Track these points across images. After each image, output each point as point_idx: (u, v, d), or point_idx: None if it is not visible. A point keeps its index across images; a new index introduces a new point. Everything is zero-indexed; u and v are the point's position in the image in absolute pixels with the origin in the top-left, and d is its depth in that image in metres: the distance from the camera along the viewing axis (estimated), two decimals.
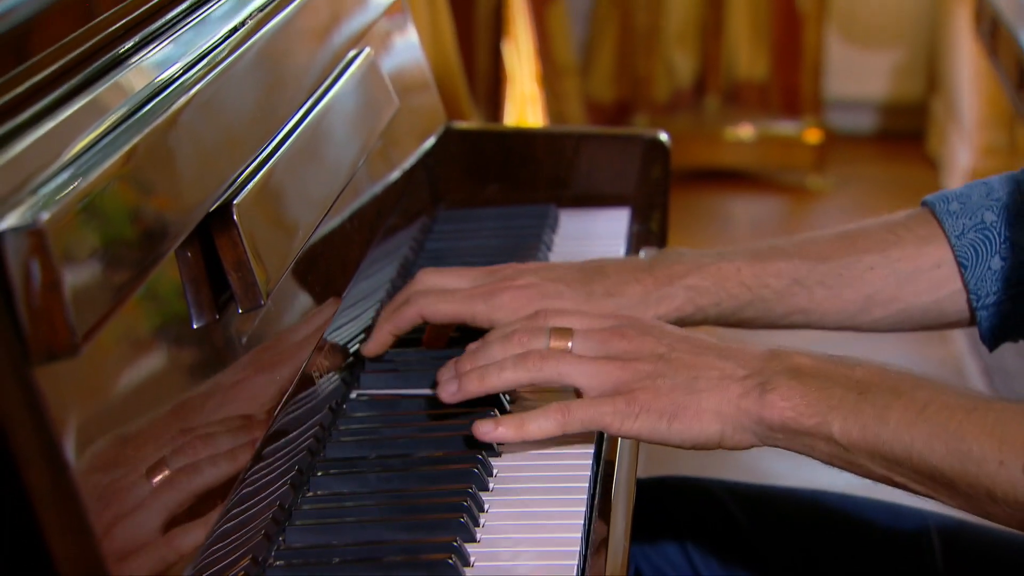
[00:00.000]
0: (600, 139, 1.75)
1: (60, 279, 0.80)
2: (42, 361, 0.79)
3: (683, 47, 4.91)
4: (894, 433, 1.06)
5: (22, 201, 0.82)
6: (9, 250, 0.77)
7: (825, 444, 1.09)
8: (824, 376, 1.10)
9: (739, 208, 4.57)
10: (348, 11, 1.48)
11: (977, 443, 1.02)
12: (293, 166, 1.22)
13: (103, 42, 1.08)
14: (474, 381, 1.16)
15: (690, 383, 1.12)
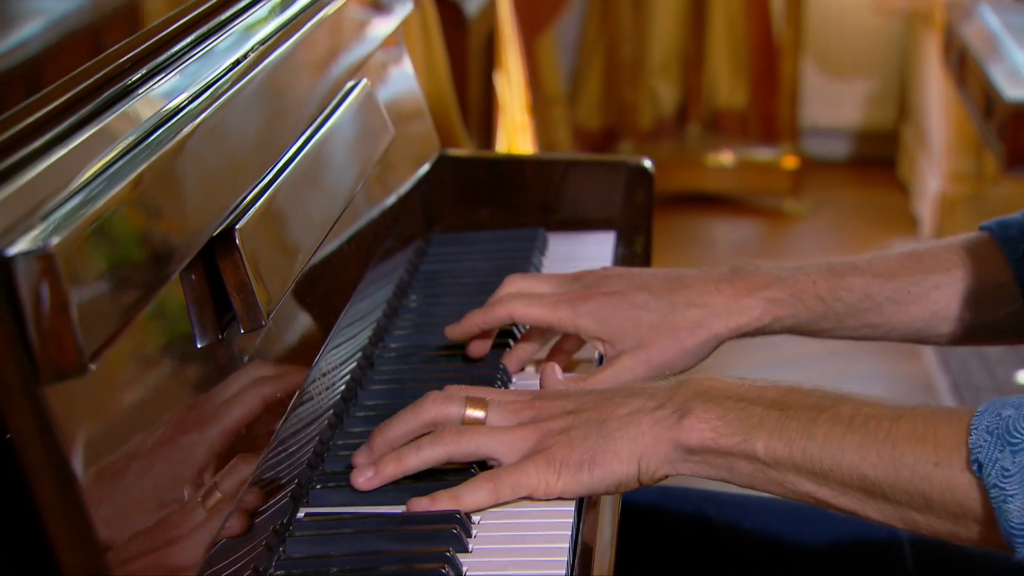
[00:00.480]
0: (587, 165, 1.75)
1: (68, 301, 0.79)
2: (51, 380, 0.79)
3: (666, 77, 4.92)
4: (822, 446, 1.04)
5: (33, 226, 0.81)
6: (20, 274, 0.77)
7: (747, 463, 1.06)
8: (738, 397, 1.08)
9: (720, 231, 4.58)
10: (346, 44, 1.48)
11: (909, 448, 1.01)
12: (294, 191, 1.22)
13: (112, 73, 1.08)
14: (390, 465, 1.12)
15: (600, 428, 1.09)
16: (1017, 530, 0.96)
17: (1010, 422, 0.98)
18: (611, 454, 1.09)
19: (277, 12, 1.39)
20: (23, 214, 0.82)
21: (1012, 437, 0.97)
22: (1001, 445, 0.97)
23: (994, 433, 0.98)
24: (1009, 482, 0.96)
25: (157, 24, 1.20)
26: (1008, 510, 0.96)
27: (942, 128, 4.25)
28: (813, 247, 4.43)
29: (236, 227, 1.06)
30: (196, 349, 1.01)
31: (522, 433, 1.11)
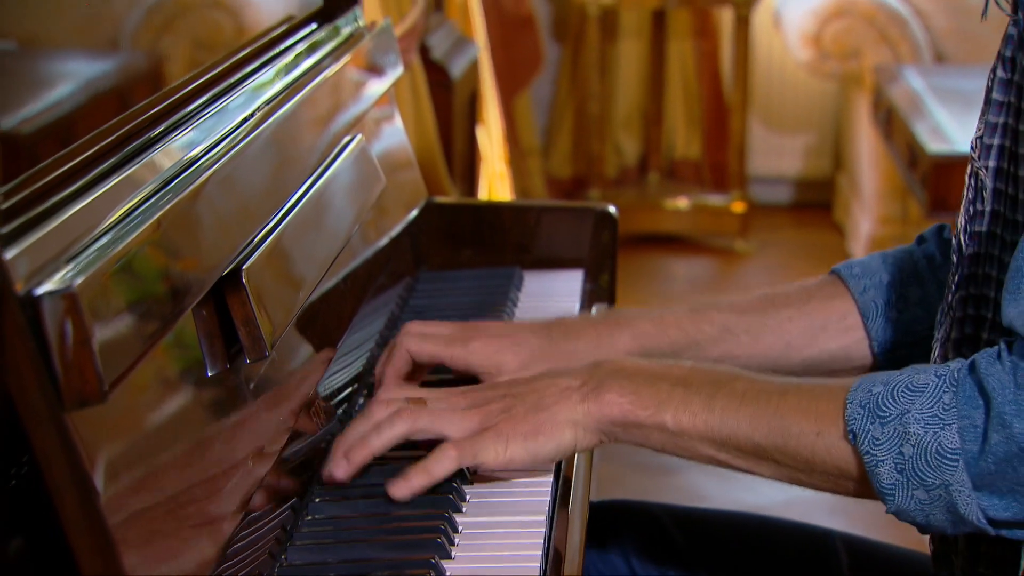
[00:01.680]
0: (558, 211, 1.75)
1: (90, 336, 0.79)
2: (74, 407, 0.78)
3: (629, 132, 4.93)
4: (720, 418, 1.06)
5: (59, 268, 0.81)
6: (46, 311, 0.76)
7: (659, 433, 1.09)
8: (649, 374, 1.11)
9: (677, 268, 4.58)
10: (344, 102, 1.47)
11: (795, 420, 1.04)
12: (297, 234, 1.21)
13: (136, 128, 1.08)
14: (360, 451, 1.13)
15: (538, 403, 1.11)
16: (887, 489, 1.00)
17: (879, 397, 1.01)
18: (551, 425, 1.10)
19: (283, 74, 1.39)
20: (51, 256, 0.82)
21: (881, 411, 1.00)
22: (872, 418, 1.00)
23: (866, 407, 1.01)
24: (879, 449, 1.00)
25: (176, 85, 1.20)
26: (879, 473, 1.00)
27: (872, 177, 4.26)
28: (760, 282, 4.43)
29: (243, 267, 1.05)
30: (206, 377, 1.00)
31: (468, 414, 1.13)
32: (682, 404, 1.08)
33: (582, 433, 1.11)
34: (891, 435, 0.99)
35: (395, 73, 1.68)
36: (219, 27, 1.37)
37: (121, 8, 1.13)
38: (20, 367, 0.75)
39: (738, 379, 1.09)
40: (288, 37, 1.50)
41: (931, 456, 0.98)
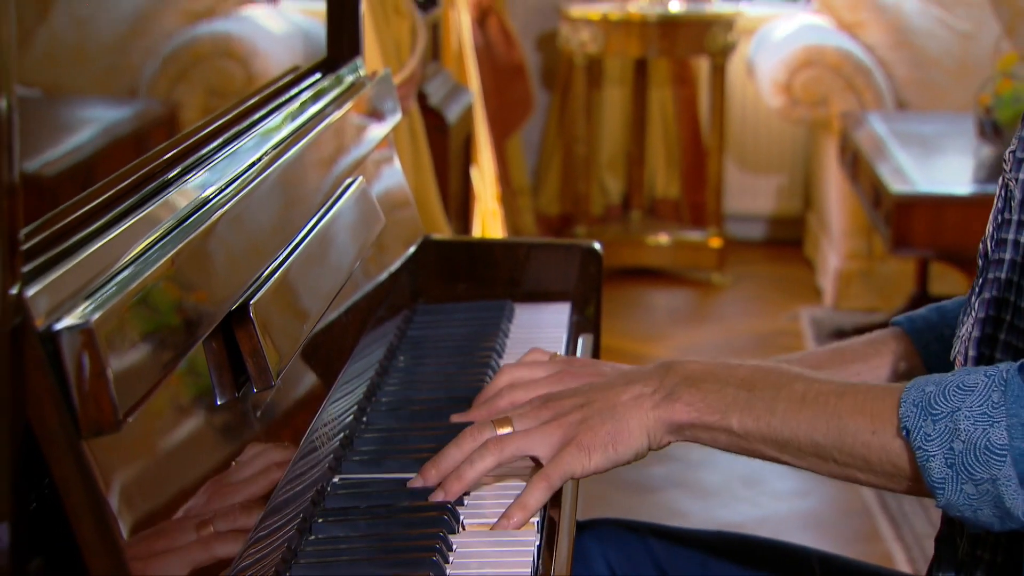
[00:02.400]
0: (546, 248, 1.75)
1: (105, 368, 0.78)
2: (90, 434, 0.78)
3: (613, 172, 4.94)
4: (782, 420, 1.07)
5: (78, 304, 0.80)
6: (64, 345, 0.76)
7: (726, 435, 1.10)
8: (715, 379, 1.11)
9: (658, 299, 4.58)
10: (347, 146, 1.47)
11: (852, 420, 1.04)
12: (302, 269, 1.21)
13: (154, 170, 1.07)
14: (455, 484, 1.13)
15: (612, 413, 1.12)
16: (938, 483, 1.00)
17: (932, 396, 1.00)
18: (626, 433, 1.11)
19: (290, 119, 1.39)
20: (70, 293, 0.81)
21: (933, 409, 1.00)
22: (924, 415, 1.00)
23: (919, 405, 1.00)
24: (931, 444, 0.99)
25: (190, 130, 1.20)
26: (930, 467, 1.00)
27: (839, 215, 4.27)
28: (735, 312, 4.43)
29: (251, 302, 1.05)
30: (216, 405, 0.99)
31: (548, 430, 1.13)
32: (747, 408, 1.08)
33: (655, 436, 1.12)
34: (942, 431, 0.99)
35: (394, 119, 1.68)
36: (230, 76, 1.37)
37: (139, 58, 1.13)
38: (40, 397, 0.75)
39: (798, 380, 1.09)
40: (294, 86, 1.50)
41: (980, 451, 0.98)
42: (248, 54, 1.41)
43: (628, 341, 3.97)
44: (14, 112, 0.76)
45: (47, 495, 0.77)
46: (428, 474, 1.15)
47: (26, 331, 0.74)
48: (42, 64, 0.93)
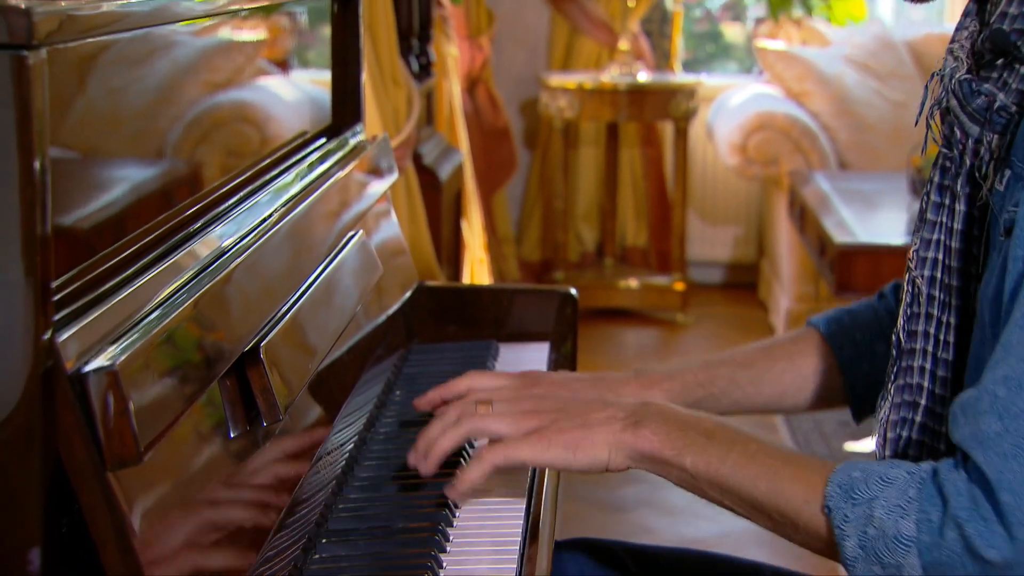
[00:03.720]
0: (528, 293, 1.74)
1: (128, 407, 0.77)
2: (114, 467, 0.77)
3: (588, 223, 4.94)
4: (731, 470, 1.05)
5: (105, 348, 0.79)
6: (91, 386, 0.75)
7: (679, 472, 1.08)
8: (682, 422, 1.10)
9: (628, 337, 4.57)
10: (349, 201, 1.47)
11: (789, 485, 1.02)
12: (309, 312, 1.20)
13: (179, 223, 1.06)
14: (435, 453, 1.14)
15: (583, 422, 1.11)
16: (851, 561, 0.98)
17: (855, 481, 0.98)
18: (589, 443, 1.10)
19: (300, 177, 1.39)
20: (98, 338, 0.80)
21: (854, 494, 0.98)
22: (846, 498, 0.98)
23: (843, 487, 0.99)
24: (848, 526, 0.98)
25: (212, 187, 1.19)
26: (845, 546, 0.98)
27: (789, 262, 4.28)
28: (697, 348, 4.42)
29: (262, 344, 1.04)
30: (229, 438, 0.98)
31: (522, 417, 1.12)
32: (702, 452, 1.07)
33: (616, 456, 1.10)
34: (859, 516, 0.97)
35: (392, 177, 1.68)
36: (247, 138, 1.36)
37: (165, 123, 1.12)
38: (69, 433, 0.74)
39: (752, 440, 1.07)
40: (304, 148, 1.50)
41: (890, 539, 0.95)
42: (262, 119, 1.41)
43: None
44: (47, 173, 0.76)
45: (75, 521, 0.76)
46: (417, 449, 1.15)
47: (57, 373, 0.74)
48: (79, 129, 0.93)
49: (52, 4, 0.78)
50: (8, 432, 0.74)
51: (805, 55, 4.53)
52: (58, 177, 0.81)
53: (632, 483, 3.07)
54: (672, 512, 3.01)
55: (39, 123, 0.76)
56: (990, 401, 0.93)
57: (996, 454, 0.92)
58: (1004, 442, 0.91)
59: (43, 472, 0.74)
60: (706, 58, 5.28)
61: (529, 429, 1.11)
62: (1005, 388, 0.92)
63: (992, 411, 0.93)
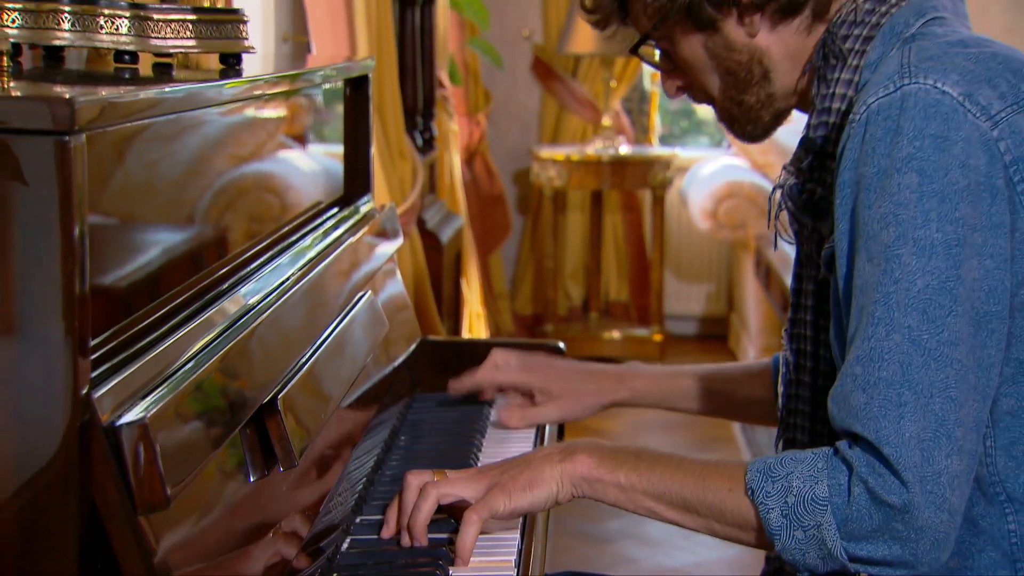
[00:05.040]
0: (520, 346, 1.72)
1: (157, 458, 0.76)
2: (144, 512, 0.76)
3: (575, 281, 4.94)
4: (660, 477, 1.08)
5: (137, 403, 0.78)
6: (124, 438, 0.74)
7: (615, 488, 1.11)
8: (611, 447, 1.13)
9: None
10: (360, 264, 1.47)
11: (713, 481, 1.06)
12: (323, 365, 1.19)
13: (210, 283, 1.06)
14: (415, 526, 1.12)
15: (528, 466, 1.13)
16: (775, 530, 1.02)
17: (771, 465, 1.04)
18: (540, 479, 1.12)
19: (318, 241, 1.39)
20: (131, 392, 0.80)
21: (772, 473, 1.03)
22: (765, 478, 1.03)
23: (761, 471, 1.04)
24: (770, 500, 1.03)
25: (239, 250, 1.19)
26: (770, 518, 1.02)
27: (756, 316, 4.28)
28: None
29: (279, 396, 1.03)
30: (249, 482, 0.97)
31: (477, 478, 1.14)
32: (633, 468, 1.10)
33: (563, 486, 1.12)
34: (779, 489, 1.03)
35: (398, 241, 1.68)
36: (269, 206, 1.37)
37: (195, 192, 1.12)
38: (103, 481, 0.73)
39: (675, 456, 1.11)
40: (319, 216, 1.50)
41: (807, 503, 1.01)
42: (283, 188, 1.41)
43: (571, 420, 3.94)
44: (85, 241, 0.76)
45: (108, 562, 0.74)
46: (389, 523, 1.15)
47: (93, 426, 0.73)
48: (117, 198, 0.93)
49: (93, 94, 0.78)
50: (47, 479, 0.73)
51: None
52: (97, 242, 0.81)
53: (615, 518, 3.04)
54: (652, 543, 2.98)
55: (79, 198, 0.76)
56: (852, 381, 1.00)
57: (869, 418, 0.99)
58: (872, 407, 0.99)
59: (79, 516, 0.73)
60: (680, 133, 5.31)
61: (488, 486, 1.13)
62: (860, 367, 1.00)
63: (856, 388, 1.00)
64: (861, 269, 1.02)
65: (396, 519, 1.14)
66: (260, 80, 1.21)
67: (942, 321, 0.99)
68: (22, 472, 0.74)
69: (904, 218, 0.99)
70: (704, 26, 1.14)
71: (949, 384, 0.99)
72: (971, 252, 0.99)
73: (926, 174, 0.99)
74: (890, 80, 1.03)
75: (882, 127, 1.01)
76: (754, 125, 1.19)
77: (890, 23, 1.10)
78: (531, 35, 4.84)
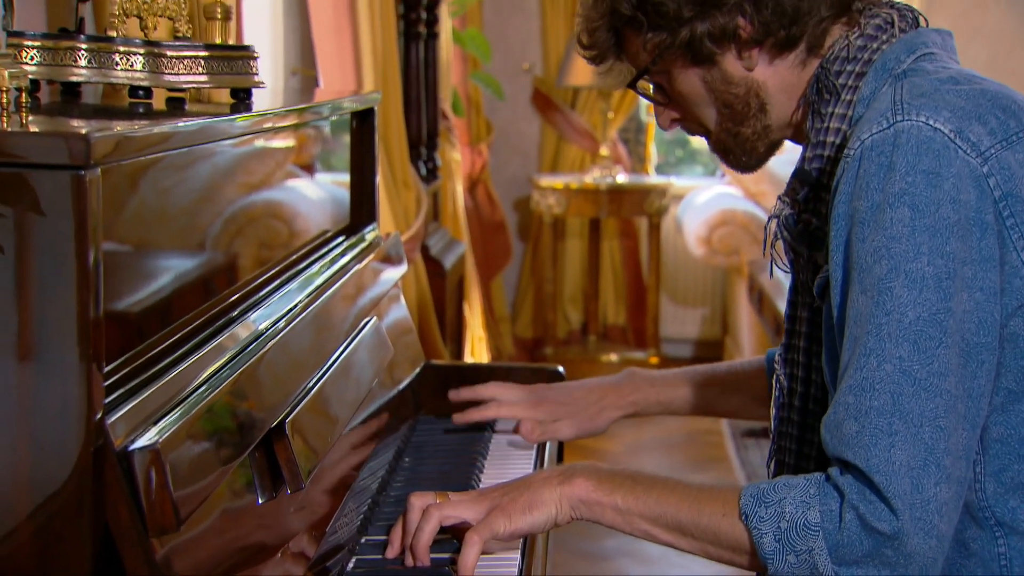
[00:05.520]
0: (521, 371, 1.73)
1: (168, 482, 0.76)
2: (156, 534, 0.76)
3: (574, 305, 4.94)
4: (656, 501, 1.08)
5: (149, 428, 0.78)
6: (136, 462, 0.74)
7: (612, 511, 1.10)
8: (608, 470, 1.13)
9: None
10: (366, 290, 1.47)
11: (708, 505, 1.06)
12: (330, 388, 1.19)
13: (223, 310, 1.06)
14: (419, 549, 1.12)
15: (527, 488, 1.13)
16: (768, 554, 1.02)
17: (764, 490, 1.04)
18: (539, 502, 1.11)
19: (326, 268, 1.39)
20: (144, 417, 0.79)
21: (765, 498, 1.03)
22: (759, 503, 1.03)
23: (754, 496, 1.04)
24: (764, 524, 1.02)
25: (251, 277, 1.19)
26: (763, 542, 1.02)
27: (749, 339, 4.27)
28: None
29: (287, 420, 1.02)
30: (257, 504, 0.96)
31: (478, 500, 1.13)
32: (630, 491, 1.09)
33: (562, 508, 1.12)
34: (772, 514, 1.02)
35: (402, 268, 1.68)
36: (277, 233, 1.37)
37: (205, 219, 1.12)
38: (116, 503, 0.73)
39: (668, 479, 1.11)
40: (327, 244, 1.50)
41: (799, 528, 1.01)
42: (291, 215, 1.41)
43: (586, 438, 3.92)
44: (100, 271, 0.76)
45: None
46: (394, 543, 1.14)
47: (106, 451, 0.73)
48: (131, 226, 0.93)
49: (108, 129, 0.78)
50: (62, 502, 0.73)
51: None
52: (111, 269, 0.81)
53: (613, 536, 3.03)
54: (649, 561, 2.96)
55: (93, 228, 0.76)
56: (844, 410, 1.00)
57: (860, 447, 0.98)
58: (864, 436, 0.98)
59: (93, 537, 0.73)
60: (676, 162, 5.33)
61: (488, 508, 1.12)
62: (852, 396, 1.00)
63: (848, 416, 0.99)
64: (855, 300, 1.02)
65: (400, 539, 1.14)
66: (269, 114, 1.21)
67: (932, 352, 0.99)
68: (38, 494, 0.74)
69: (896, 251, 0.99)
70: (703, 61, 1.14)
71: (939, 414, 0.98)
72: (961, 285, 1.00)
73: (918, 209, 0.99)
74: (883, 116, 1.03)
75: (876, 162, 1.01)
76: (749, 156, 1.19)
77: (882, 59, 1.11)
78: (531, 68, 4.86)
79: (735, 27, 1.12)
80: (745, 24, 1.12)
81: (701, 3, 1.11)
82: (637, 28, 1.15)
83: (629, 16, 1.15)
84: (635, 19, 1.14)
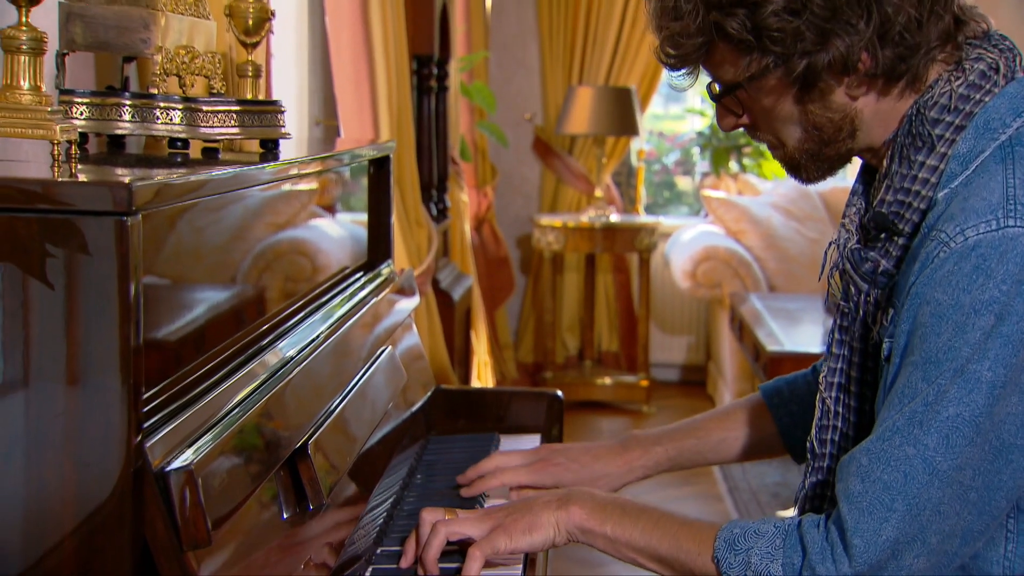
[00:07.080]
0: (523, 395, 1.73)
1: (201, 500, 0.76)
2: (190, 548, 0.75)
3: (571, 333, 4.94)
4: (640, 534, 1.07)
5: (185, 450, 0.78)
6: (172, 482, 0.74)
7: (602, 539, 1.10)
8: (602, 500, 1.11)
9: (603, 424, 4.52)
10: (382, 320, 1.46)
11: (686, 543, 1.05)
12: (350, 411, 1.19)
13: (252, 340, 1.06)
14: (428, 562, 1.10)
15: (529, 510, 1.12)
16: None
17: (736, 537, 1.02)
18: (539, 525, 1.10)
19: (346, 301, 1.39)
20: (179, 440, 0.79)
21: (735, 546, 1.02)
22: (729, 550, 1.02)
23: (727, 541, 1.02)
24: (732, 570, 1.01)
25: (278, 309, 1.19)
26: None
27: (731, 365, 4.26)
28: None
29: (310, 442, 1.02)
30: (282, 519, 0.96)
31: (483, 519, 1.12)
32: (618, 521, 1.09)
33: (559, 531, 1.11)
34: (740, 562, 1.01)
35: (415, 300, 1.68)
36: (301, 268, 1.37)
37: (237, 255, 1.12)
38: (154, 520, 0.72)
39: (656, 511, 1.10)
40: (347, 279, 1.50)
41: None
42: (314, 252, 1.41)
43: None
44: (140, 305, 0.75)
45: None
46: (407, 554, 1.13)
47: (144, 472, 0.72)
48: (169, 263, 0.93)
49: (148, 178, 0.78)
50: (104, 518, 0.73)
51: (741, 202, 4.58)
52: (150, 303, 0.81)
53: None
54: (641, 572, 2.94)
55: (134, 267, 0.76)
56: (856, 467, 0.97)
57: (856, 508, 0.96)
58: (863, 500, 0.96)
59: (132, 552, 0.72)
60: (663, 203, 5.34)
61: (492, 527, 1.11)
62: (867, 458, 0.97)
63: (857, 474, 0.97)
64: (907, 373, 0.96)
65: (413, 551, 1.13)
66: (295, 162, 1.21)
67: (960, 449, 0.94)
68: (82, 510, 0.74)
69: (964, 353, 0.93)
70: (808, 88, 1.01)
71: (943, 500, 0.95)
72: (1013, 389, 0.94)
73: (1003, 318, 0.92)
74: (993, 215, 0.94)
75: (973, 264, 0.93)
76: (820, 173, 1.08)
77: (984, 115, 0.99)
78: (533, 118, 4.88)
79: (856, 61, 0.99)
80: (867, 59, 0.99)
81: (823, 33, 0.97)
82: (740, 47, 1.00)
83: (736, 36, 1.00)
84: (742, 40, 1.00)
